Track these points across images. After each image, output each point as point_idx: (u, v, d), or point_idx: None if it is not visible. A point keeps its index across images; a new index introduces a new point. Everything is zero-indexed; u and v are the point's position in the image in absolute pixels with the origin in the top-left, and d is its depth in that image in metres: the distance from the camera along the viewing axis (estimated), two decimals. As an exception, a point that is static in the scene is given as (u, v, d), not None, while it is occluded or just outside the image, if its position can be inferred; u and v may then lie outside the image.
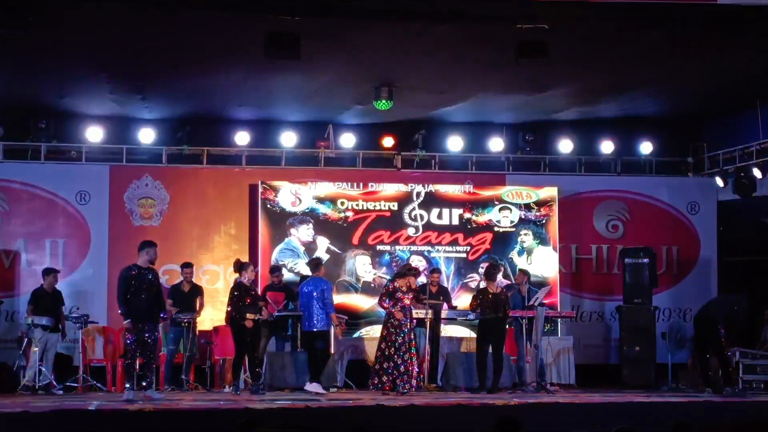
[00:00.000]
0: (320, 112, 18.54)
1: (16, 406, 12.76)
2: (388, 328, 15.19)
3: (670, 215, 19.57)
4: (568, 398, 14.80)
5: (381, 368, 15.07)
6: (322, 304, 15.30)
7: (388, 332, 15.17)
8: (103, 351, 16.93)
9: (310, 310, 15.35)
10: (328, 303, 15.37)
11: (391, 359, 15.03)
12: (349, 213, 18.33)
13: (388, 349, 15.09)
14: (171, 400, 14.00)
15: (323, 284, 15.48)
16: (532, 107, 18.48)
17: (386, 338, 15.14)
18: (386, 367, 15.02)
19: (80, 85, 17.01)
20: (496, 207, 18.70)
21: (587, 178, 19.63)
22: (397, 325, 15.12)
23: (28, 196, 17.77)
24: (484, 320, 15.83)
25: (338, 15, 13.67)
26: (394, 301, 15.15)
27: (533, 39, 14.16)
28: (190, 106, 18.24)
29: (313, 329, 15.34)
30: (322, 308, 15.29)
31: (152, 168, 18.39)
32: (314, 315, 15.31)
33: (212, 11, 13.44)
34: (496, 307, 15.71)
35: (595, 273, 19.31)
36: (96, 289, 17.62)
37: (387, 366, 15.02)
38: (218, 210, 18.47)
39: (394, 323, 15.14)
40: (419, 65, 16.00)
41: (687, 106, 18.74)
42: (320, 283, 15.47)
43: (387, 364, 15.03)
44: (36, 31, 13.37)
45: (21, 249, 17.67)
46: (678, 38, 14.75)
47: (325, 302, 15.32)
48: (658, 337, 17.94)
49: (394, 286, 15.30)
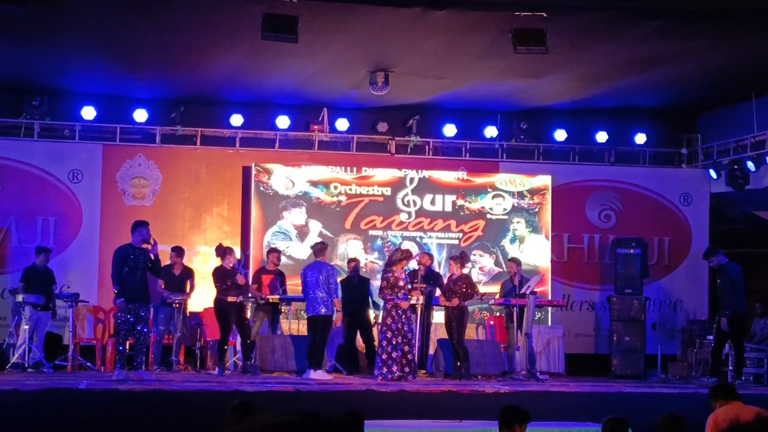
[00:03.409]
0: (315, 95, 18.50)
1: (5, 384, 12.76)
2: (393, 317, 15.10)
3: (663, 206, 19.59)
4: (557, 387, 14.84)
5: (390, 357, 14.96)
6: (327, 288, 15.24)
7: (393, 321, 15.10)
8: (93, 330, 16.93)
9: (315, 294, 15.28)
10: (333, 288, 15.26)
11: (399, 348, 15.03)
12: (342, 197, 18.32)
13: (395, 338, 15.03)
14: (161, 381, 14.01)
15: (328, 269, 15.41)
16: (527, 95, 18.47)
17: (391, 327, 15.07)
18: (395, 357, 14.97)
19: (75, 63, 16.96)
20: (489, 194, 18.71)
21: (581, 167, 19.64)
22: (401, 313, 15.11)
23: (21, 174, 17.72)
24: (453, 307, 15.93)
25: (336, -1, 13.67)
26: (395, 291, 15.13)
27: (531, 27, 14.15)
28: (185, 86, 18.18)
29: (318, 314, 15.28)
30: (327, 293, 15.24)
31: (146, 148, 18.34)
32: (318, 300, 15.25)
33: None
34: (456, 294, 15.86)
35: (586, 262, 19.33)
36: (87, 269, 17.59)
37: (396, 356, 14.98)
38: (211, 191, 18.44)
39: (398, 311, 15.11)
40: (415, 51, 15.97)
41: (682, 98, 18.75)
42: (324, 268, 15.40)
43: (396, 353, 14.99)
44: (33, 9, 13.32)
45: (12, 227, 17.62)
46: (674, 28, 14.74)
47: (330, 287, 15.23)
48: (648, 328, 17.99)
49: (394, 276, 15.20)
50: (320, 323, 15.27)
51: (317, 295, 15.23)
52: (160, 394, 12.41)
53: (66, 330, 16.58)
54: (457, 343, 15.79)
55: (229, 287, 15.46)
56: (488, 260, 18.64)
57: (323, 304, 15.21)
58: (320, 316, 15.24)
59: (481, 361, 16.27)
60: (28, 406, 11.64)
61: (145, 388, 12.61)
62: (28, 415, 11.47)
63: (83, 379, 13.79)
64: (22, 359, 15.47)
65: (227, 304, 15.39)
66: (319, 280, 15.22)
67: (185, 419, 11.57)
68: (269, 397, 12.33)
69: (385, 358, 15.01)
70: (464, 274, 16.22)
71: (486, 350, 16.66)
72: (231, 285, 15.49)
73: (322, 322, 15.27)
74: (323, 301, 15.21)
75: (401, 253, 15.53)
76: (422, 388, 13.75)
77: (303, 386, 13.43)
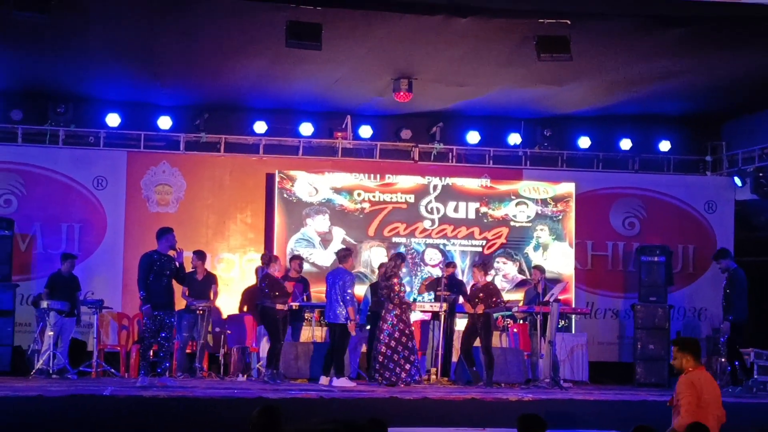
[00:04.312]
0: (339, 102, 18.50)
1: (30, 390, 12.81)
2: (404, 320, 15.22)
3: (688, 214, 19.52)
4: (581, 395, 14.78)
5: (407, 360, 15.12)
6: (342, 297, 15.24)
7: (405, 324, 15.23)
8: (117, 337, 16.97)
9: (330, 301, 15.32)
10: (346, 296, 15.19)
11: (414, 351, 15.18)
12: (366, 204, 18.32)
13: (410, 341, 15.22)
14: (185, 387, 14.02)
15: (345, 276, 15.37)
16: (550, 102, 18.44)
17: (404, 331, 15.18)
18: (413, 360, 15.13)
19: (99, 70, 17.02)
20: (512, 201, 18.68)
21: (605, 174, 19.58)
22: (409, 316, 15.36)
23: (46, 181, 17.79)
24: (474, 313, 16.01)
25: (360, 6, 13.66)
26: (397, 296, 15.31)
27: (554, 34, 14.13)
28: (209, 93, 18.22)
29: (332, 321, 15.31)
30: (341, 300, 15.27)
31: (170, 155, 18.38)
32: (334, 306, 15.27)
33: (234, -1, 13.45)
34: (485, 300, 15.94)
35: (610, 270, 19.27)
36: (111, 275, 17.63)
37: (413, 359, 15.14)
38: (235, 198, 18.47)
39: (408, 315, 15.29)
40: (439, 58, 15.96)
41: (707, 105, 18.68)
42: (342, 275, 15.38)
43: (414, 356, 15.16)
44: (56, 16, 13.37)
45: (37, 233, 17.68)
46: (700, 36, 14.69)
47: (345, 296, 15.19)
48: (673, 336, 17.88)
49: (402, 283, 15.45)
50: (338, 330, 15.31)
51: (332, 301, 15.28)
52: (184, 401, 12.40)
53: (90, 336, 16.60)
54: (484, 350, 15.80)
55: (278, 295, 15.50)
56: (511, 267, 18.61)
57: (337, 311, 15.26)
58: (338, 324, 15.27)
59: (504, 369, 16.23)
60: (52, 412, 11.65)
61: (169, 394, 12.62)
62: (53, 421, 11.48)
63: (107, 386, 13.81)
64: (47, 365, 15.50)
65: (276, 311, 15.43)
66: (337, 287, 15.25)
67: (209, 426, 11.58)
68: (293, 405, 12.32)
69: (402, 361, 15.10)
70: (488, 282, 16.26)
71: (509, 358, 16.61)
72: (280, 293, 15.53)
73: (340, 330, 15.29)
74: (337, 307, 15.25)
75: (392, 262, 15.60)
76: (446, 396, 13.71)
77: (326, 393, 13.42)
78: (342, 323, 15.21)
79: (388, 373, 15.07)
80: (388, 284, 15.30)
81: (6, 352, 16.31)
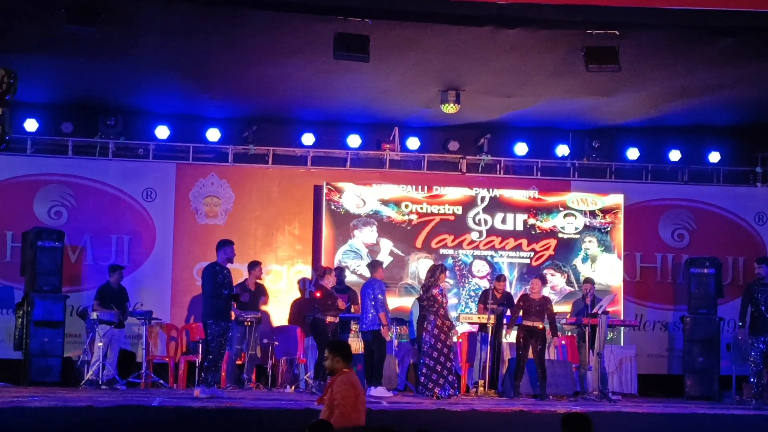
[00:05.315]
0: (386, 114, 18.53)
1: (80, 400, 12.89)
2: (445, 332, 15.18)
3: (737, 225, 19.36)
4: (630, 407, 14.67)
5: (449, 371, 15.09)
6: (373, 303, 15.30)
7: (447, 336, 15.21)
8: (165, 348, 17.05)
9: (365, 310, 15.45)
10: (378, 302, 15.28)
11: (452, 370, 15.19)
12: (413, 216, 18.32)
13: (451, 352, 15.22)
14: (233, 398, 14.06)
15: (375, 285, 15.47)
16: (598, 113, 18.37)
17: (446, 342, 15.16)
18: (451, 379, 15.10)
19: (149, 82, 17.16)
20: (560, 213, 18.61)
21: (653, 186, 19.46)
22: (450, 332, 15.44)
23: (96, 193, 17.92)
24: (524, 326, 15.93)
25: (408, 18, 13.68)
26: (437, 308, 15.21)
27: (603, 45, 14.08)
28: (257, 105, 18.31)
29: (365, 329, 15.43)
30: (372, 307, 15.30)
31: (218, 167, 18.47)
32: (367, 315, 15.36)
33: (282, 11, 13.49)
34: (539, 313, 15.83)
35: (659, 282, 19.15)
36: (160, 287, 17.74)
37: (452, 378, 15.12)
38: (282, 210, 18.52)
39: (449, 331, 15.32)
40: (486, 69, 15.95)
41: (757, 116, 18.52)
42: (373, 284, 15.49)
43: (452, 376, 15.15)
44: (106, 29, 13.50)
45: (87, 245, 17.81)
46: (749, 46, 14.59)
47: (375, 301, 15.29)
48: (723, 349, 17.77)
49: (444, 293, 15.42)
50: (372, 337, 15.37)
51: (366, 311, 15.36)
52: (232, 412, 12.45)
53: (139, 347, 16.70)
54: (539, 363, 15.74)
55: (330, 307, 15.64)
56: (560, 279, 18.53)
57: (373, 319, 15.31)
58: (370, 331, 15.36)
59: (552, 381, 16.14)
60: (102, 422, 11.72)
61: (218, 405, 12.66)
62: None
63: (156, 396, 13.88)
64: (96, 376, 15.61)
65: (326, 324, 15.54)
66: (368, 296, 15.34)
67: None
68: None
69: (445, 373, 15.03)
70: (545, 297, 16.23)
71: (557, 370, 16.53)
72: (332, 305, 15.67)
73: (374, 337, 15.38)
74: (370, 316, 15.32)
75: (430, 273, 15.50)
76: (493, 408, 13.66)
77: (374, 404, 13.39)
78: (375, 329, 15.28)
79: (431, 384, 15.03)
80: (429, 296, 15.26)
81: (56, 363, 16.43)
